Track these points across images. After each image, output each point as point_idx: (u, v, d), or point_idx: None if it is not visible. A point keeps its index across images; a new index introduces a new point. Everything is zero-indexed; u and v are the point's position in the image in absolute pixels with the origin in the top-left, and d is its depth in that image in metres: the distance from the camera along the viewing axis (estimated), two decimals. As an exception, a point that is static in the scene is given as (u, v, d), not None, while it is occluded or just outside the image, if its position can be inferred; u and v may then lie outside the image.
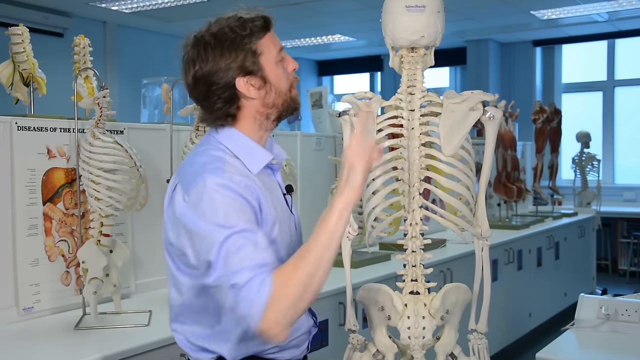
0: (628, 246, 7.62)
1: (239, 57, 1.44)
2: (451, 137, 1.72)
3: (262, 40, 1.47)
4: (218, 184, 1.36)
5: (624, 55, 8.52)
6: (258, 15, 1.48)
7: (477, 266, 1.81)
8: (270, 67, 1.48)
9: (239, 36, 1.44)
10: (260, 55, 1.47)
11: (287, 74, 1.52)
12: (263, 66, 1.47)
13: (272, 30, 1.50)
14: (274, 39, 1.50)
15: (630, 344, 2.26)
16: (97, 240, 2.34)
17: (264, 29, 1.48)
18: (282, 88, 1.50)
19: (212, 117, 1.51)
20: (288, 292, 1.27)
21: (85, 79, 2.57)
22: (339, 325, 2.94)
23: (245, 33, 1.45)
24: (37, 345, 2.12)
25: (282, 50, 1.52)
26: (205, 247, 1.33)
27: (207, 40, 1.45)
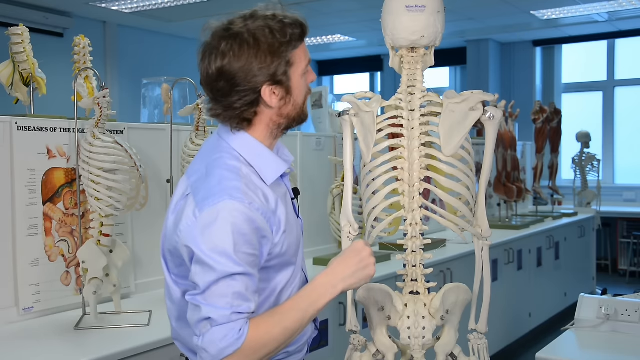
0: (628, 246, 7.62)
1: (274, 65, 1.38)
2: (451, 137, 1.72)
3: (296, 51, 1.42)
4: (237, 211, 1.30)
5: (624, 55, 8.52)
6: (297, 21, 1.42)
7: (477, 266, 1.81)
8: (297, 80, 1.44)
9: (277, 42, 1.38)
10: (291, 65, 1.42)
11: (307, 87, 1.49)
12: (291, 77, 1.42)
13: (304, 40, 1.45)
14: (305, 49, 1.46)
15: (630, 344, 2.26)
16: (97, 240, 2.34)
17: (300, 38, 1.42)
18: (300, 101, 1.47)
19: (226, 115, 1.43)
20: (255, 354, 1.28)
21: (85, 79, 2.57)
22: (339, 326, 2.94)
23: (285, 40, 1.39)
24: (37, 345, 2.12)
25: (309, 63, 1.48)
26: (201, 272, 1.28)
27: (246, 38, 1.37)
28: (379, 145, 1.78)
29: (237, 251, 1.28)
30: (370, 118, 1.77)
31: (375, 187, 1.77)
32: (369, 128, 1.77)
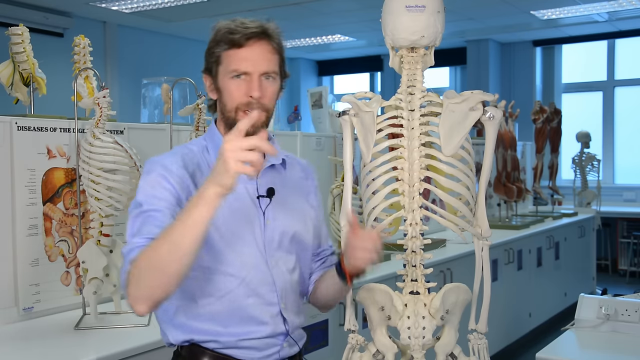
0: (628, 246, 7.62)
1: (208, 54, 1.59)
2: (451, 137, 1.72)
3: (225, 53, 1.56)
4: (169, 156, 1.55)
5: (624, 55, 8.52)
6: (240, 29, 1.56)
7: (477, 266, 1.81)
8: (223, 80, 1.57)
9: (216, 39, 1.58)
10: (219, 64, 1.57)
11: (239, 94, 1.55)
12: (218, 74, 1.57)
13: (246, 47, 1.55)
14: (238, 58, 1.55)
15: (630, 344, 2.26)
16: (97, 240, 2.34)
17: (232, 43, 1.55)
18: (228, 104, 1.57)
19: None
20: (141, 271, 1.34)
21: (85, 79, 2.56)
22: (339, 325, 2.94)
23: (216, 39, 1.57)
24: (37, 345, 2.12)
25: (248, 75, 1.54)
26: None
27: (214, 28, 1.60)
28: (379, 145, 1.78)
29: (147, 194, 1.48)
30: (370, 118, 1.77)
31: (375, 187, 1.77)
32: (369, 128, 1.77)
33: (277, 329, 1.58)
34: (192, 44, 8.27)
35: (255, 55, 1.55)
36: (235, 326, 1.54)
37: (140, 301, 1.35)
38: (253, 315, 1.54)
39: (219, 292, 1.53)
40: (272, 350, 1.58)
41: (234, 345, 1.54)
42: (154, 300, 1.36)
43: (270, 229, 1.59)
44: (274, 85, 1.58)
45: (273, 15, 1.66)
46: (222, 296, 1.53)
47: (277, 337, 1.58)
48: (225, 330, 1.54)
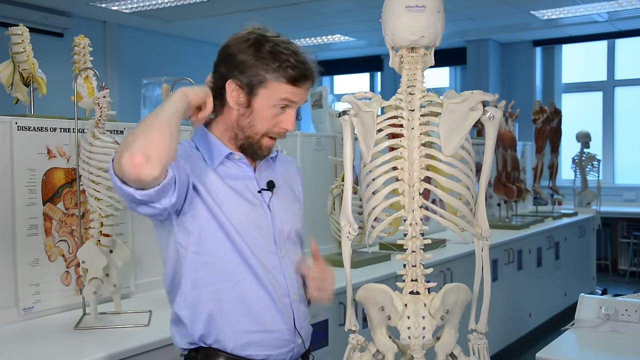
0: (628, 246, 7.62)
1: (251, 70, 1.54)
2: (451, 137, 1.72)
3: (278, 84, 1.54)
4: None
5: (624, 55, 8.52)
6: (301, 65, 1.56)
7: (477, 266, 1.81)
8: (263, 103, 1.56)
9: (267, 60, 1.53)
10: (263, 87, 1.54)
11: (273, 123, 1.58)
12: (257, 95, 1.55)
13: (299, 87, 1.56)
14: (289, 92, 1.56)
15: (630, 344, 2.26)
16: (97, 240, 2.34)
17: (289, 80, 1.54)
18: (258, 127, 1.58)
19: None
20: (128, 140, 1.35)
21: (85, 79, 2.56)
22: (339, 325, 2.94)
23: (274, 65, 1.53)
24: (37, 345, 2.12)
25: (290, 107, 1.58)
26: None
27: (256, 39, 1.55)
28: (379, 145, 1.78)
29: None
30: (370, 118, 1.77)
31: (375, 187, 1.77)
32: (369, 128, 1.77)
33: (289, 322, 1.61)
34: (192, 44, 8.27)
35: (303, 95, 1.60)
36: (249, 314, 1.56)
37: (136, 154, 1.32)
38: (267, 305, 1.57)
39: (236, 276, 1.55)
40: (287, 349, 1.61)
41: (250, 339, 1.56)
42: (150, 153, 1.33)
43: (278, 221, 1.64)
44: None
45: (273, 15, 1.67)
46: (239, 281, 1.55)
47: (291, 332, 1.61)
48: (241, 318, 1.55)
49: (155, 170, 1.33)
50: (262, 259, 1.58)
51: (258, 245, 1.58)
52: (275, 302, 1.58)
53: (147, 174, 1.32)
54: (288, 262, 1.64)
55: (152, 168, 1.32)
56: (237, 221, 1.56)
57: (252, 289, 1.56)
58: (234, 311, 1.55)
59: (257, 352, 1.57)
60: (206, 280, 1.55)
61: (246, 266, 1.56)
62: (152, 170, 1.32)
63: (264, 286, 1.57)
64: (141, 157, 1.31)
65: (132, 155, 1.31)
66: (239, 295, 1.55)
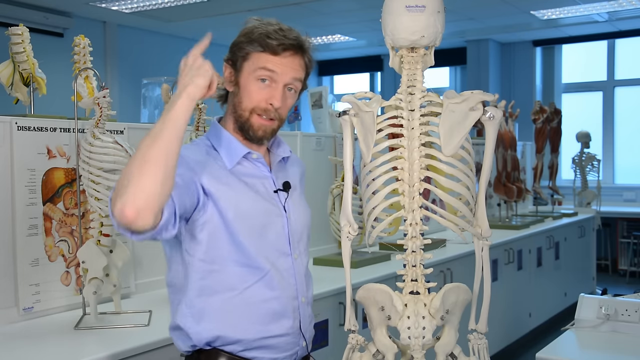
0: (628, 246, 7.62)
1: (236, 47, 1.59)
2: (451, 137, 1.72)
3: (256, 54, 1.56)
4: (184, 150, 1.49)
5: (624, 55, 8.52)
6: (282, 37, 1.56)
7: (477, 266, 1.80)
8: (246, 77, 1.57)
9: (249, 35, 1.57)
10: (245, 61, 1.57)
11: (258, 99, 1.56)
12: (242, 70, 1.57)
13: (280, 56, 1.56)
14: (269, 62, 1.55)
15: (630, 344, 2.26)
16: (97, 240, 2.34)
17: (266, 47, 1.55)
18: (243, 101, 1.58)
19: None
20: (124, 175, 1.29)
21: (85, 79, 2.56)
22: (339, 325, 2.94)
23: (252, 37, 1.57)
24: (37, 345, 2.12)
25: (272, 80, 1.56)
26: None
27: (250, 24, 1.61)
28: (379, 145, 1.78)
29: None
30: (370, 118, 1.77)
31: (375, 187, 1.77)
32: (369, 128, 1.77)
33: (296, 325, 1.61)
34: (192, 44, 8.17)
35: (286, 66, 1.57)
36: (258, 321, 1.55)
37: (127, 207, 1.24)
38: (274, 310, 1.56)
39: (243, 283, 1.53)
40: (292, 351, 1.61)
41: (258, 344, 1.55)
42: (140, 205, 1.26)
43: (292, 222, 1.64)
44: (293, 98, 1.63)
45: (273, 15, 1.67)
46: (246, 288, 1.53)
47: (296, 335, 1.61)
48: (249, 327, 1.54)
49: (148, 222, 1.28)
50: (275, 260, 1.57)
51: (271, 247, 1.57)
52: (283, 306, 1.58)
53: (139, 226, 1.27)
54: (300, 263, 1.64)
55: (143, 221, 1.27)
56: (251, 222, 1.54)
57: (260, 294, 1.55)
58: (241, 319, 1.53)
59: (262, 355, 1.56)
60: (212, 289, 1.52)
61: (255, 271, 1.54)
62: (144, 223, 1.27)
63: (273, 290, 1.56)
64: (132, 211, 1.24)
65: (123, 209, 1.24)
66: (247, 301, 1.54)
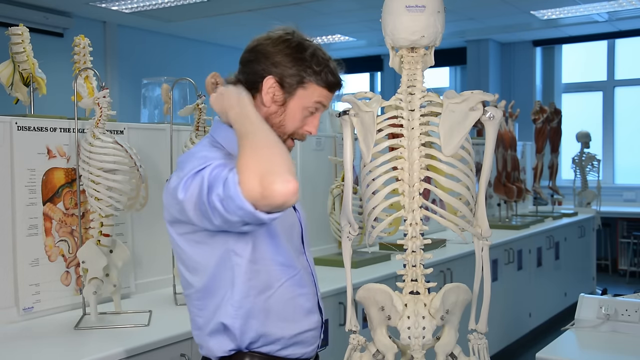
0: (628, 246, 7.62)
1: (291, 70, 1.53)
2: (451, 137, 1.72)
3: (316, 87, 1.55)
4: (203, 151, 1.49)
5: (624, 55, 8.52)
6: (336, 75, 1.58)
7: (477, 266, 1.81)
8: (296, 104, 1.55)
9: (308, 62, 1.54)
10: (302, 88, 1.54)
11: (300, 124, 1.58)
12: (294, 95, 1.55)
13: (330, 92, 1.58)
14: (323, 96, 1.57)
15: (630, 344, 2.26)
16: (97, 240, 2.34)
17: (327, 85, 1.56)
18: (287, 125, 1.57)
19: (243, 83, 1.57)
20: (251, 159, 1.30)
21: (85, 79, 2.56)
22: (339, 325, 2.94)
23: (316, 69, 1.54)
24: (37, 345, 2.12)
25: (318, 110, 1.59)
26: (195, 183, 1.38)
27: (293, 40, 1.55)
28: (379, 145, 1.78)
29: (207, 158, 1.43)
30: (370, 118, 1.77)
31: (375, 187, 1.77)
32: (369, 128, 1.77)
33: (320, 320, 1.64)
34: (192, 44, 8.27)
35: (330, 100, 1.61)
36: (294, 318, 1.57)
37: (291, 180, 1.25)
38: (306, 306, 1.59)
39: (277, 282, 1.55)
40: (315, 344, 1.64)
41: (294, 341, 1.57)
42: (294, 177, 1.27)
43: (302, 221, 1.66)
44: None
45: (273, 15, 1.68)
46: (281, 286, 1.55)
47: (320, 329, 1.64)
48: (287, 324, 1.55)
49: (298, 195, 1.28)
50: (296, 259, 1.60)
51: (295, 247, 1.61)
52: (311, 301, 1.60)
53: (295, 200, 1.27)
54: (311, 261, 1.67)
55: (297, 196, 1.27)
56: (281, 224, 1.55)
57: (292, 292, 1.56)
58: (279, 316, 1.55)
59: (294, 352, 1.58)
60: (257, 289, 1.52)
61: (287, 270, 1.56)
62: (297, 198, 1.28)
63: (302, 287, 1.58)
64: (296, 184, 1.25)
65: (288, 182, 1.24)
66: (282, 299, 1.55)
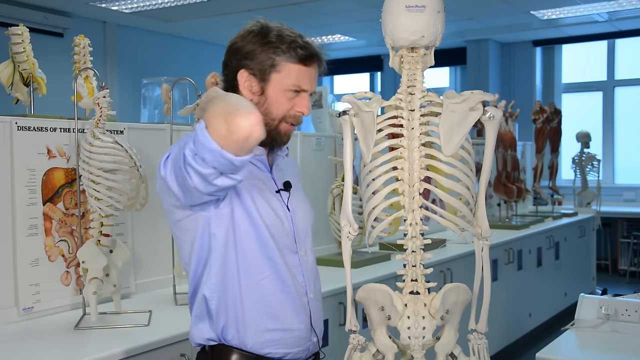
0: (628, 246, 7.62)
1: (260, 55, 1.55)
2: (451, 137, 1.72)
3: (289, 65, 1.56)
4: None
5: (624, 55, 8.52)
6: (309, 46, 1.59)
7: (477, 266, 1.80)
8: (276, 88, 1.56)
9: (275, 43, 1.55)
10: (276, 71, 1.56)
11: (288, 107, 1.58)
12: (270, 81, 1.56)
13: (309, 67, 1.59)
14: (302, 73, 1.58)
15: (630, 344, 2.26)
16: (97, 240, 2.34)
17: (302, 59, 1.57)
18: (274, 113, 1.57)
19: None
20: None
21: (85, 79, 2.56)
22: (339, 325, 2.94)
23: (283, 46, 1.55)
24: (37, 345, 2.12)
25: (304, 92, 1.60)
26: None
27: (258, 28, 1.58)
28: (379, 145, 1.78)
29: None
30: (370, 118, 1.77)
31: (375, 187, 1.77)
32: (369, 128, 1.77)
33: (307, 321, 1.63)
34: (192, 44, 8.27)
35: (314, 76, 1.63)
36: (272, 313, 1.58)
37: (253, 112, 1.27)
38: (287, 305, 1.59)
39: (260, 274, 1.57)
40: (301, 348, 1.63)
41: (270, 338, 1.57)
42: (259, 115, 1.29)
43: (297, 220, 1.67)
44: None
45: (273, 16, 1.68)
46: (264, 278, 1.57)
47: (308, 330, 1.64)
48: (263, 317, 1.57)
49: (263, 132, 1.29)
50: (285, 257, 1.61)
51: (283, 244, 1.61)
52: (294, 301, 1.61)
53: (259, 133, 1.27)
54: (307, 260, 1.68)
55: (262, 129, 1.28)
56: (268, 218, 1.58)
57: (273, 287, 1.58)
58: (255, 309, 1.57)
59: (276, 350, 1.59)
60: (232, 275, 1.56)
61: (271, 264, 1.58)
62: (263, 132, 1.28)
63: (285, 285, 1.59)
64: (259, 115, 1.27)
65: (250, 113, 1.26)
66: (261, 293, 1.57)
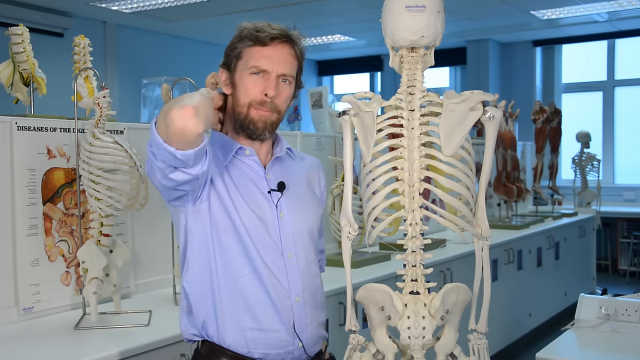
0: (628, 246, 7.62)
1: (229, 49, 1.63)
2: (451, 137, 1.72)
3: (248, 49, 1.60)
4: None
5: (624, 55, 8.52)
6: (269, 29, 1.61)
7: (477, 266, 1.80)
8: (240, 75, 1.61)
9: (240, 35, 1.62)
10: (240, 58, 1.61)
11: (255, 92, 1.60)
12: (236, 69, 1.61)
13: (269, 46, 1.61)
14: (261, 54, 1.60)
15: (630, 344, 2.26)
16: (97, 240, 2.34)
17: (255, 40, 1.60)
18: (242, 99, 1.61)
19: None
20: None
21: (85, 79, 2.56)
22: (339, 325, 2.94)
23: (242, 35, 1.62)
24: (37, 345, 2.12)
25: (266, 73, 1.60)
26: None
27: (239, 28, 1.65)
28: (379, 145, 1.77)
29: None
30: (370, 118, 1.77)
31: (375, 187, 1.77)
32: (369, 128, 1.77)
33: (288, 324, 1.62)
34: (192, 44, 8.27)
35: (277, 55, 1.61)
36: (247, 313, 1.58)
37: (187, 106, 1.36)
38: (267, 304, 1.59)
39: (239, 272, 1.58)
40: (285, 351, 1.63)
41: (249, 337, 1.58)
42: (197, 109, 1.38)
43: (286, 221, 1.65)
44: (289, 89, 1.65)
45: (273, 16, 1.69)
46: (242, 277, 1.58)
47: (289, 333, 1.63)
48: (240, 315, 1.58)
49: (200, 126, 1.37)
50: (266, 258, 1.60)
51: (264, 244, 1.61)
52: (273, 302, 1.60)
53: (193, 125, 1.35)
54: (295, 263, 1.65)
55: (198, 122, 1.36)
56: (247, 218, 1.59)
57: (251, 286, 1.59)
58: (232, 305, 1.58)
59: (255, 350, 1.59)
60: (209, 271, 1.58)
61: (249, 263, 1.58)
62: (198, 125, 1.36)
63: (263, 285, 1.59)
64: (191, 109, 1.34)
65: (183, 107, 1.35)
66: (238, 291, 1.58)
